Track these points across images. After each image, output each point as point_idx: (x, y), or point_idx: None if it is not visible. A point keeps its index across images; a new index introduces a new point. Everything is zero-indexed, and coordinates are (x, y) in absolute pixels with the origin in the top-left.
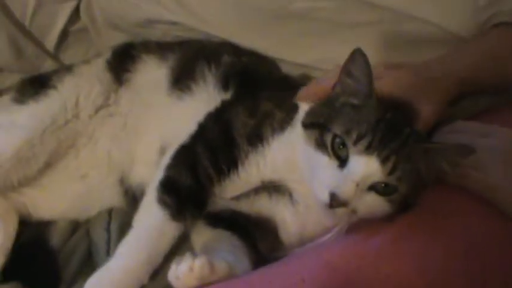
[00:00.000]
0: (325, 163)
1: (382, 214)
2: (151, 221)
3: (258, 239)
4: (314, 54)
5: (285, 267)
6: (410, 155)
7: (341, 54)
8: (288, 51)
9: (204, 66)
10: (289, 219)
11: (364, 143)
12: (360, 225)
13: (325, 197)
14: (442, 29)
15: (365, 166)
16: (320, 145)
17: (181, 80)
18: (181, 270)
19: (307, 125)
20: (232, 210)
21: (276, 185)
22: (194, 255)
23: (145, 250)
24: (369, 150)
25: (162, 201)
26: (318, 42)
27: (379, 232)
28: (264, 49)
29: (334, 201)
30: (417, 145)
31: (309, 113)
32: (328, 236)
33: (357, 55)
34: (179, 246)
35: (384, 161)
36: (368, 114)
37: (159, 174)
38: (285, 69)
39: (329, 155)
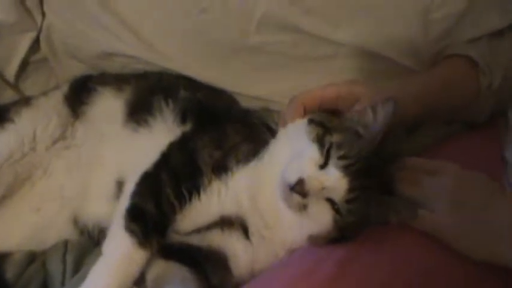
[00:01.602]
0: (312, 155)
1: (323, 229)
2: (120, 249)
3: (209, 271)
4: (270, 87)
5: None
6: (370, 201)
7: (296, 86)
8: (244, 84)
9: (161, 101)
10: (240, 252)
11: (345, 162)
12: (302, 257)
13: (293, 178)
14: (397, 63)
15: (336, 180)
16: (317, 141)
17: (137, 112)
18: None
19: (314, 122)
20: (183, 243)
21: (232, 219)
22: None
23: (116, 277)
24: (345, 171)
25: (129, 229)
26: (273, 75)
27: (320, 267)
28: (221, 82)
29: (298, 186)
30: (375, 195)
31: (323, 116)
32: None
33: (392, 105)
34: None
35: (350, 189)
36: (362, 146)
37: (124, 202)
38: (243, 102)
39: (321, 153)
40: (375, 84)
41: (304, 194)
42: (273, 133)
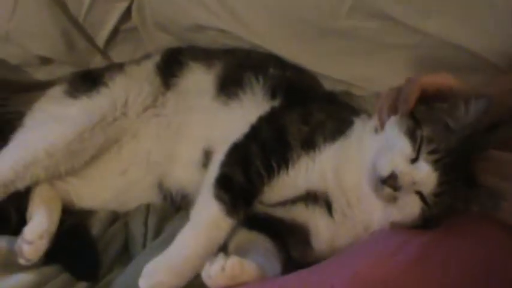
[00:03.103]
0: (404, 149)
1: (409, 219)
2: (209, 216)
3: (290, 244)
4: (353, 72)
5: (316, 273)
6: (456, 193)
7: (379, 73)
8: (329, 66)
9: (252, 77)
10: (322, 227)
11: (435, 157)
12: (387, 237)
13: (385, 172)
14: (481, 57)
15: (427, 175)
16: (409, 134)
17: (228, 87)
18: (214, 269)
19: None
20: (267, 214)
21: (317, 195)
22: (226, 255)
23: (203, 242)
24: (435, 165)
25: (218, 197)
26: (358, 61)
27: (404, 248)
28: (307, 63)
29: (390, 180)
30: (463, 189)
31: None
32: None
33: (486, 102)
34: None
35: (439, 183)
36: (452, 140)
37: (214, 171)
38: (326, 84)
39: (413, 147)
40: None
41: (396, 188)
42: (356, 114)
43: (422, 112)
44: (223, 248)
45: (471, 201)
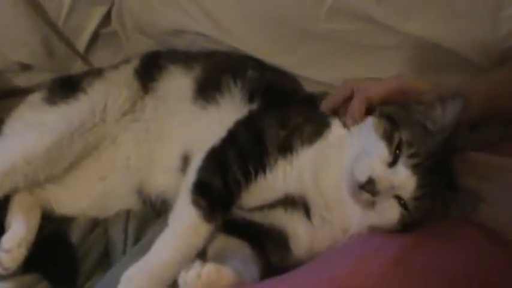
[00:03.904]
0: (381, 153)
1: (388, 224)
2: (187, 221)
3: (269, 249)
4: (335, 73)
5: (293, 279)
6: (436, 196)
7: (359, 75)
8: (310, 69)
9: (230, 80)
10: (301, 231)
11: (415, 161)
12: (364, 241)
13: (363, 177)
14: (462, 57)
15: (406, 179)
16: (385, 137)
17: (207, 90)
18: (190, 276)
19: (382, 115)
20: (246, 219)
21: (295, 199)
22: (203, 262)
23: (181, 248)
24: (414, 169)
25: (196, 203)
26: (339, 62)
27: (382, 251)
28: (287, 65)
29: (368, 185)
30: (442, 192)
31: (390, 108)
32: None
33: (462, 101)
34: None
35: (418, 186)
36: (431, 143)
37: (191, 176)
38: (306, 86)
39: (390, 151)
40: (439, 80)
41: (374, 193)
42: (335, 117)
43: (400, 114)
44: (202, 254)
45: (451, 204)
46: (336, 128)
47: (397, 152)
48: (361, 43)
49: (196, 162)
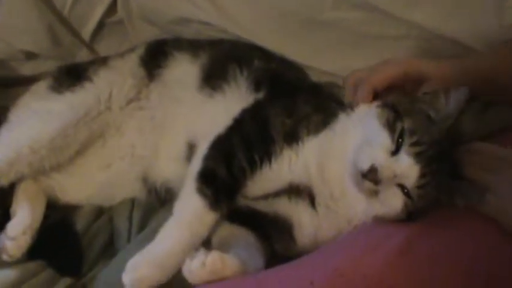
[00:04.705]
0: (383, 142)
1: (391, 213)
2: (192, 210)
3: (273, 237)
4: (341, 63)
5: (296, 269)
6: (440, 185)
7: (365, 65)
8: (316, 58)
9: (236, 69)
10: (306, 221)
11: (417, 149)
12: (369, 231)
13: (365, 165)
14: (467, 47)
15: (408, 168)
16: (388, 126)
17: (213, 79)
18: (194, 265)
19: (387, 105)
20: (250, 208)
21: (300, 188)
22: (207, 250)
23: (186, 236)
24: (417, 158)
25: (201, 192)
26: (345, 52)
27: (387, 241)
28: (293, 55)
29: (371, 174)
30: (447, 180)
31: (393, 97)
32: None
33: (465, 92)
34: None
35: (421, 175)
36: (434, 131)
37: (196, 165)
38: (312, 76)
39: (392, 139)
40: (442, 60)
41: (376, 182)
42: (342, 107)
43: (403, 104)
44: (207, 242)
45: (455, 194)
46: (343, 118)
47: (400, 140)
48: (366, 33)
49: (201, 150)
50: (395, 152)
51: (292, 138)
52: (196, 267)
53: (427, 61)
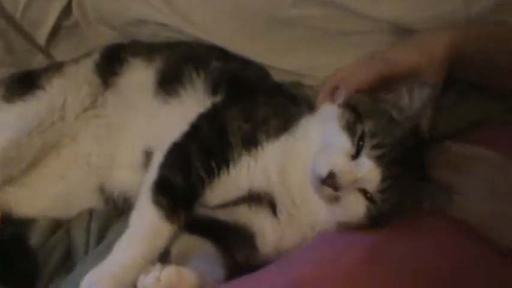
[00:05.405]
0: (343, 146)
1: (354, 219)
2: (148, 222)
3: (235, 247)
4: (304, 62)
5: (255, 281)
6: (404, 188)
7: (331, 62)
8: (279, 57)
9: (192, 71)
10: (267, 229)
11: (379, 152)
12: (331, 239)
13: (324, 171)
14: None
15: (369, 171)
16: (348, 129)
17: (168, 83)
18: (148, 280)
19: (347, 105)
20: (210, 218)
21: (260, 195)
22: (163, 265)
23: (142, 250)
24: (378, 161)
25: (157, 202)
26: (308, 50)
27: (350, 250)
28: (254, 55)
29: (330, 180)
30: (413, 182)
31: (356, 98)
32: None
33: (430, 89)
34: None
35: (383, 178)
36: (397, 132)
37: (152, 174)
38: (275, 75)
39: (353, 143)
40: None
41: (336, 188)
42: (303, 108)
43: (365, 104)
44: (166, 255)
45: (422, 197)
46: (305, 120)
47: (361, 143)
48: (330, 29)
49: (157, 158)
50: (355, 155)
51: (250, 143)
52: (151, 283)
53: (401, 53)
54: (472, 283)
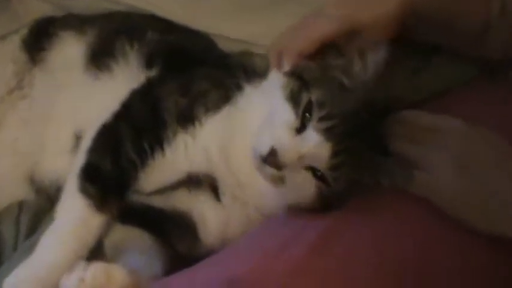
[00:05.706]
0: (287, 118)
1: (304, 201)
2: (75, 213)
3: (174, 237)
4: (254, 29)
5: (187, 278)
6: (359, 164)
7: (280, 28)
8: (224, 25)
9: (125, 43)
10: (209, 215)
11: (327, 124)
12: (278, 227)
13: (264, 149)
14: None
15: (316, 147)
16: (292, 99)
17: (100, 57)
18: (71, 281)
19: (293, 73)
20: (144, 205)
21: (200, 177)
22: (87, 263)
23: (70, 245)
24: (327, 134)
25: (84, 191)
26: (256, 16)
27: (298, 239)
28: (198, 23)
29: (271, 158)
30: (369, 157)
31: (302, 65)
32: None
33: (384, 49)
34: None
35: (334, 154)
36: (348, 102)
37: (80, 159)
38: (223, 45)
39: (297, 114)
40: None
41: (279, 167)
42: (251, 79)
43: (311, 71)
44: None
45: (379, 174)
46: (249, 91)
47: (307, 115)
48: None
49: (85, 142)
50: (300, 129)
51: (187, 119)
52: (74, 284)
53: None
54: (441, 271)
